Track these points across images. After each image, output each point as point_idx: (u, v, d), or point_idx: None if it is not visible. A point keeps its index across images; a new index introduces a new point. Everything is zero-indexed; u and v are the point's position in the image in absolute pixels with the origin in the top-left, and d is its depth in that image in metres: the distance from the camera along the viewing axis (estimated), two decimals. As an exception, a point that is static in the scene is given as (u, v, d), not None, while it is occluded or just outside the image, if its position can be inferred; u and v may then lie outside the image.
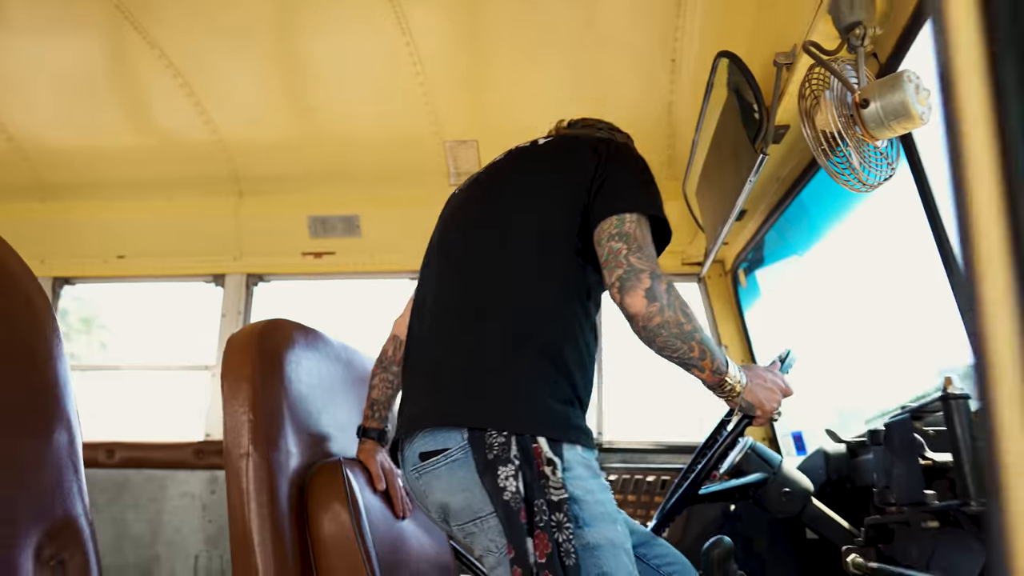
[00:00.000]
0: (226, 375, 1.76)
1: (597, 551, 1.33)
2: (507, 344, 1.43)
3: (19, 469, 0.95)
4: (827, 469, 2.00)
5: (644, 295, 1.34)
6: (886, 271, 2.16)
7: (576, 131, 1.82)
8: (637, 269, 1.36)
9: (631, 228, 1.41)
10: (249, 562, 1.62)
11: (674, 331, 1.36)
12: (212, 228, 3.17)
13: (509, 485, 1.32)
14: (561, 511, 1.30)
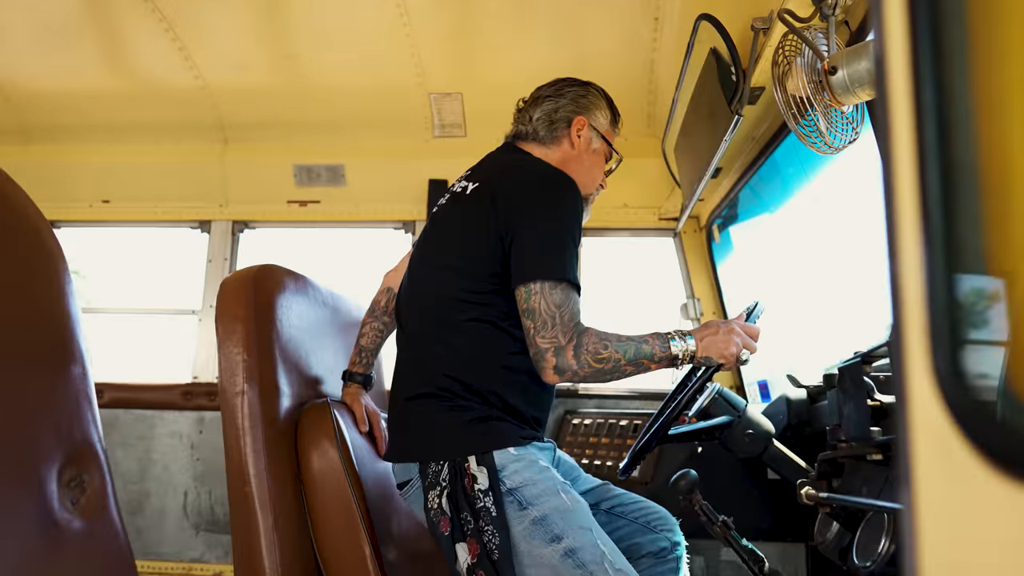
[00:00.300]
0: (221, 317, 1.83)
1: (544, 521, 1.57)
2: (427, 382, 1.71)
3: (40, 397, 1.02)
4: (788, 414, 2.13)
5: (554, 372, 1.57)
6: (849, 228, 2.27)
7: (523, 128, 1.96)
8: (542, 350, 1.57)
9: (535, 302, 1.59)
10: (245, 492, 1.72)
11: (600, 377, 1.61)
12: (198, 174, 3.20)
13: (432, 504, 1.63)
14: (482, 518, 1.57)
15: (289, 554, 1.74)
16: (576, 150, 1.91)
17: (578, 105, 1.91)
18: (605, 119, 1.95)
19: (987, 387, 0.43)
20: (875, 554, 1.60)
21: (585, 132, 1.91)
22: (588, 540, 1.59)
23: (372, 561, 1.75)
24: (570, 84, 1.95)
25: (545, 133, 1.92)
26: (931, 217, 0.46)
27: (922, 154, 0.48)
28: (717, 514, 1.52)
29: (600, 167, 1.97)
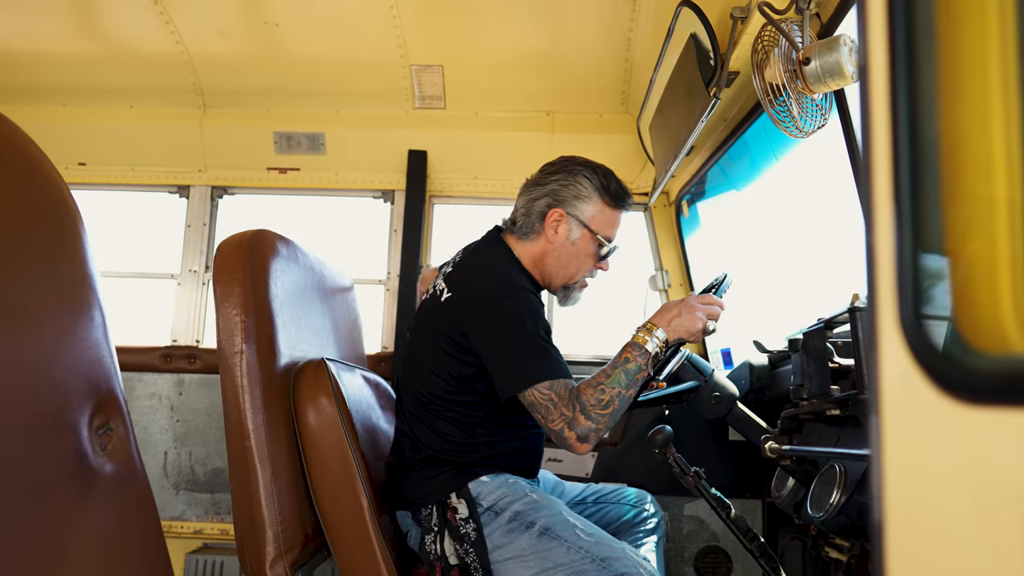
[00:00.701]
0: (219, 279, 1.90)
1: (518, 516, 1.78)
2: (419, 452, 1.93)
3: (69, 345, 1.07)
4: (751, 379, 2.29)
5: (580, 443, 1.69)
6: (810, 207, 2.42)
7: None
8: (559, 432, 1.70)
9: (532, 399, 1.72)
10: (244, 447, 1.81)
11: (616, 417, 1.73)
12: (176, 139, 3.21)
13: (428, 548, 1.86)
14: (464, 542, 1.79)
15: (288, 506, 1.83)
16: (553, 244, 1.95)
17: (556, 197, 1.94)
18: (593, 206, 1.95)
19: (939, 332, 0.56)
20: (827, 505, 1.76)
21: (563, 225, 1.93)
22: (559, 518, 1.78)
23: (369, 512, 1.86)
24: (560, 170, 1.98)
25: (523, 224, 1.98)
26: (902, 198, 0.58)
27: (896, 150, 0.60)
28: (689, 466, 1.66)
29: (586, 256, 1.98)
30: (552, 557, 1.74)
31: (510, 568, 1.78)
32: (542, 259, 1.97)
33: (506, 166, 3.22)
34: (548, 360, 1.76)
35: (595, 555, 1.70)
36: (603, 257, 2.00)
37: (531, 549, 1.77)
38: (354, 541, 1.86)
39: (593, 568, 1.68)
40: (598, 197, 1.95)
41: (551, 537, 1.76)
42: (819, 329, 1.37)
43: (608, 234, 1.97)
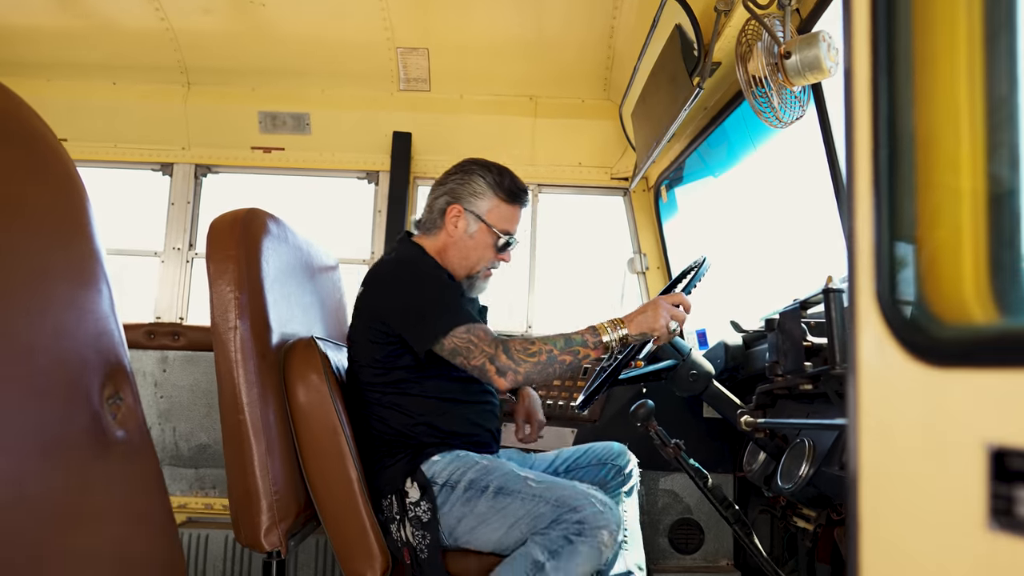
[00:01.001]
0: (212, 256, 1.93)
1: (472, 484, 1.88)
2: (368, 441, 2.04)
3: (79, 315, 1.10)
4: (726, 358, 2.39)
5: (499, 376, 1.83)
6: (786, 194, 2.52)
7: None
8: (480, 368, 1.83)
9: (450, 345, 1.86)
10: (238, 420, 1.85)
11: (541, 372, 1.85)
12: (160, 117, 3.21)
13: (396, 536, 1.94)
14: (413, 526, 1.89)
15: (282, 478, 1.89)
16: (452, 237, 2.11)
17: (454, 194, 2.11)
18: (488, 201, 2.10)
19: (910, 306, 0.63)
20: (796, 477, 1.86)
21: (461, 220, 2.10)
22: (510, 476, 1.88)
23: (359, 484, 1.92)
24: (458, 170, 2.14)
25: (426, 221, 2.16)
26: (880, 187, 0.66)
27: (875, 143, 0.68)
28: (669, 438, 1.75)
29: (486, 248, 2.12)
30: (511, 512, 1.83)
31: (478, 534, 1.88)
32: (445, 251, 2.13)
33: (489, 149, 3.25)
34: (462, 312, 1.91)
35: (547, 498, 1.80)
36: (502, 249, 2.14)
37: (490, 510, 1.85)
38: (343, 514, 1.92)
39: (548, 510, 1.78)
40: (492, 193, 2.10)
41: (505, 494, 1.86)
42: (794, 309, 1.46)
43: (505, 228, 2.12)
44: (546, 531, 1.77)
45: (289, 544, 1.89)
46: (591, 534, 1.72)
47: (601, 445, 2.30)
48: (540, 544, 1.76)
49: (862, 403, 0.66)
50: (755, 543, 1.64)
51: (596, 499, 1.78)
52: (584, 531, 1.72)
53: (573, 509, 1.75)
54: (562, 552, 1.72)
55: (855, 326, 0.68)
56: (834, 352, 1.28)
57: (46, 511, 1.00)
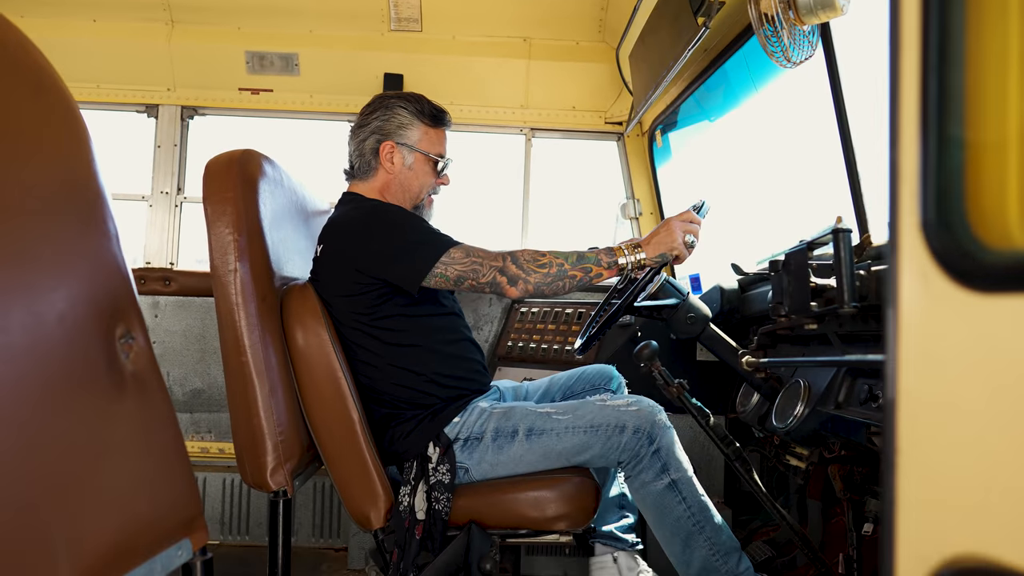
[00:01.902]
0: (210, 198, 1.90)
1: (499, 431, 1.92)
2: (378, 403, 2.04)
3: (92, 255, 1.09)
4: (721, 302, 2.41)
5: (510, 286, 1.85)
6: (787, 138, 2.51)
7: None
8: (492, 283, 1.86)
9: (452, 272, 1.87)
10: (241, 362, 1.85)
11: (552, 283, 1.88)
12: (143, 56, 3.12)
13: (404, 502, 1.91)
14: (438, 489, 1.88)
15: (286, 418, 1.90)
16: (392, 174, 2.11)
17: (382, 132, 2.10)
18: (416, 130, 2.11)
19: (954, 232, 0.64)
20: (791, 416, 1.90)
21: (396, 155, 2.10)
22: (533, 415, 1.94)
23: (361, 425, 1.94)
24: (377, 107, 2.11)
25: (361, 167, 2.14)
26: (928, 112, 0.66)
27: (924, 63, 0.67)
28: (673, 378, 1.78)
29: (426, 174, 2.14)
30: (549, 447, 1.90)
31: (518, 470, 1.94)
32: (387, 188, 2.13)
33: (483, 92, 3.22)
34: (445, 237, 1.92)
35: (582, 426, 1.88)
36: (440, 172, 2.17)
37: (528, 451, 1.91)
38: (345, 455, 1.94)
39: (589, 436, 1.87)
40: (419, 122, 2.11)
41: (537, 433, 1.92)
42: (801, 250, 1.47)
43: (438, 151, 2.14)
44: (632, 463, 1.87)
45: (294, 484, 1.91)
46: (654, 430, 1.83)
47: (592, 369, 2.35)
48: (644, 472, 1.86)
49: (902, 332, 0.67)
50: (755, 479, 1.69)
51: (620, 406, 1.88)
52: (651, 431, 1.83)
53: (620, 428, 1.84)
54: (660, 457, 1.83)
55: (896, 254, 0.68)
56: (842, 291, 1.30)
57: (69, 446, 1.00)
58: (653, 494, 1.86)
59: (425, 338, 2.03)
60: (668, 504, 1.85)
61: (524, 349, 3.00)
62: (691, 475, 1.88)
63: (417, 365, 2.01)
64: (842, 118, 1.68)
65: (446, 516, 1.88)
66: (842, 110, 1.68)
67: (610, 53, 3.08)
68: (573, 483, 1.97)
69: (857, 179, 1.67)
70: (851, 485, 1.91)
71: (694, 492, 1.86)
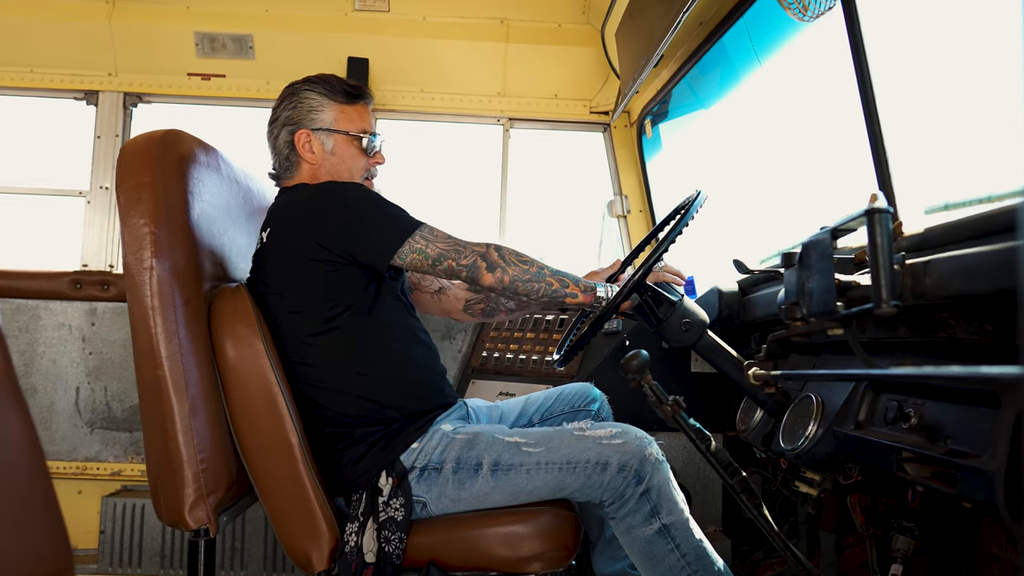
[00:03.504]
0: (123, 184, 1.63)
1: (460, 462, 1.67)
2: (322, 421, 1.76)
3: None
4: (720, 306, 2.14)
5: (488, 272, 1.69)
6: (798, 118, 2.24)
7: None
8: (471, 265, 1.69)
9: (431, 250, 1.70)
10: (156, 376, 1.57)
11: (525, 278, 1.70)
12: (81, 37, 2.83)
13: (350, 541, 1.63)
14: (387, 529, 1.62)
15: (210, 443, 1.61)
16: (315, 163, 1.90)
17: (292, 122, 1.91)
18: (330, 112, 1.91)
19: None
20: (802, 437, 1.63)
21: (315, 142, 1.89)
22: (498, 444, 1.69)
23: (300, 451, 1.65)
24: (283, 98, 1.94)
25: (282, 165, 1.93)
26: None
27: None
28: (666, 394, 1.51)
29: (353, 156, 1.93)
30: (518, 486, 1.66)
31: (481, 507, 1.69)
32: (317, 178, 1.91)
33: (456, 79, 2.95)
34: (411, 216, 1.75)
35: (556, 461, 1.65)
36: (371, 151, 1.96)
37: (493, 489, 1.66)
38: (283, 484, 1.65)
39: (564, 475, 1.65)
40: (330, 101, 1.92)
41: (504, 469, 1.67)
42: (823, 238, 1.20)
43: (360, 128, 1.94)
44: (616, 504, 1.63)
45: (220, 520, 1.62)
46: (643, 467, 1.62)
47: (572, 388, 2.13)
48: (630, 516, 1.63)
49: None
50: (764, 514, 1.42)
51: (603, 438, 1.66)
52: (639, 468, 1.62)
53: (602, 465, 1.62)
54: (650, 498, 1.61)
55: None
56: (880, 287, 1.03)
57: None
58: (641, 540, 1.60)
59: (379, 343, 1.75)
60: (659, 552, 1.58)
61: (500, 360, 2.71)
62: (686, 517, 1.61)
63: (370, 376, 1.73)
64: (865, 83, 1.42)
65: (398, 559, 1.60)
66: (865, 73, 1.41)
67: (595, 36, 2.82)
68: (550, 516, 1.69)
69: (884, 156, 1.40)
70: (874, 518, 1.64)
71: (689, 537, 1.59)
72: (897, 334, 1.46)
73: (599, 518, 1.96)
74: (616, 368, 2.45)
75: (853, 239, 1.41)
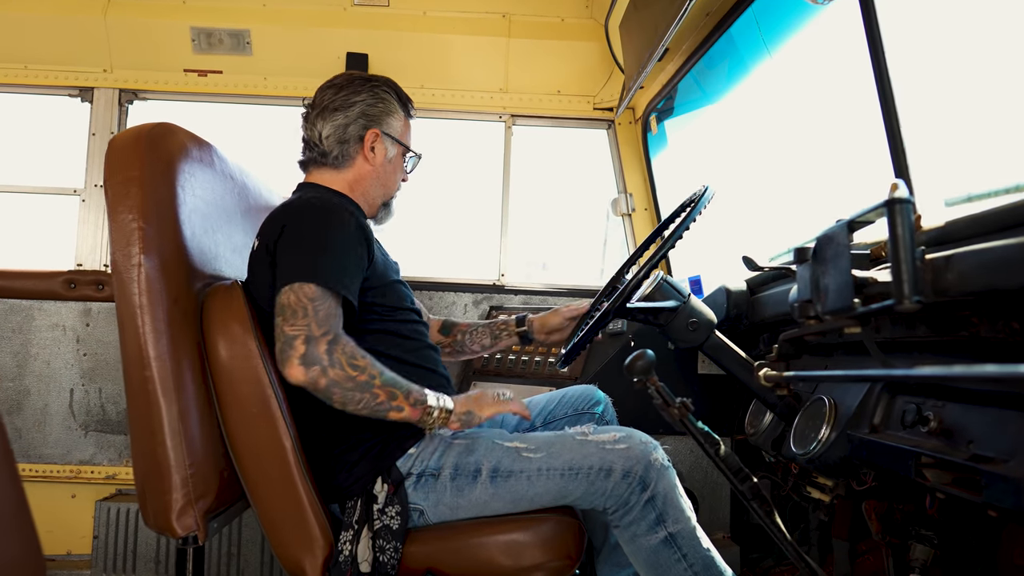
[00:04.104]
0: (111, 179, 1.58)
1: (458, 468, 1.60)
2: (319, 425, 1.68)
3: None
4: (728, 306, 2.08)
5: (299, 362, 1.48)
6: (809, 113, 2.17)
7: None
8: (289, 338, 1.49)
9: (285, 299, 1.52)
10: (144, 377, 1.51)
11: (347, 386, 1.51)
12: (77, 33, 2.78)
13: (345, 549, 1.56)
14: (382, 538, 1.55)
15: (200, 446, 1.55)
16: (372, 164, 1.85)
17: (369, 118, 1.83)
18: (399, 120, 1.88)
19: None
20: (814, 441, 1.57)
21: (380, 145, 1.84)
22: (498, 450, 1.62)
23: (294, 455, 1.59)
24: (357, 90, 1.84)
25: (338, 153, 1.83)
26: None
27: None
28: (674, 396, 1.44)
29: (398, 169, 1.91)
30: (519, 493, 1.59)
31: (482, 514, 1.63)
32: (361, 182, 1.86)
33: (456, 75, 2.89)
34: (338, 276, 1.57)
35: (558, 467, 1.58)
36: (410, 169, 1.97)
37: (493, 496, 1.60)
38: (276, 490, 1.60)
39: (567, 481, 1.58)
40: (401, 111, 1.89)
41: (504, 476, 1.60)
42: (839, 230, 1.14)
43: (413, 145, 1.94)
44: (620, 512, 1.57)
45: (209, 527, 1.56)
46: (648, 473, 1.55)
47: (575, 390, 2.07)
48: (635, 524, 1.56)
49: None
50: (777, 523, 1.35)
51: (606, 443, 1.59)
52: (644, 475, 1.55)
53: (606, 472, 1.55)
54: (656, 506, 1.55)
55: None
56: (901, 281, 0.97)
57: None
58: (646, 549, 1.53)
59: (377, 344, 1.69)
60: (665, 562, 1.52)
61: (502, 362, 2.65)
62: (694, 525, 1.55)
63: None
64: (880, 68, 1.35)
65: (393, 570, 1.54)
66: (880, 58, 1.35)
67: (599, 31, 2.76)
68: (553, 523, 1.63)
69: (901, 146, 1.34)
70: (891, 526, 1.57)
71: (697, 546, 1.52)
72: (915, 333, 1.39)
73: (603, 523, 1.89)
74: (620, 370, 2.39)
75: (867, 235, 1.35)
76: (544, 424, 2.03)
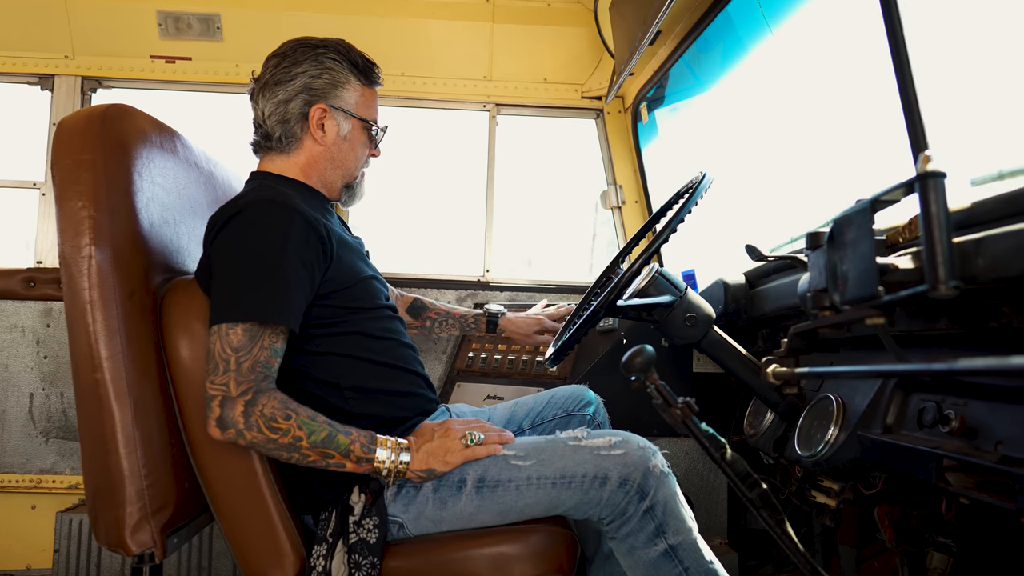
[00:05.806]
0: (59, 163, 1.44)
1: (443, 479, 1.48)
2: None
3: None
4: (726, 300, 1.97)
5: (216, 425, 1.37)
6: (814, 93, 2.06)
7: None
8: (209, 397, 1.38)
9: (211, 343, 1.40)
10: (95, 379, 1.38)
11: (269, 447, 1.38)
12: (35, 17, 2.63)
13: (317, 565, 1.44)
14: (359, 552, 1.42)
15: (158, 455, 1.42)
16: (323, 144, 1.66)
17: (312, 92, 1.62)
18: (352, 91, 1.67)
19: None
20: (820, 443, 1.47)
21: (329, 121, 1.65)
22: (487, 458, 1.50)
23: (262, 461, 1.47)
24: (299, 59, 1.62)
25: (281, 134, 1.65)
26: None
27: None
28: (676, 396, 1.33)
29: (360, 145, 1.72)
30: (507, 505, 1.47)
31: (468, 527, 1.51)
32: (314, 165, 1.68)
33: (439, 62, 2.77)
34: (275, 293, 1.40)
35: (550, 476, 1.46)
36: (377, 143, 1.77)
37: (480, 509, 1.48)
38: (242, 503, 1.47)
39: (559, 491, 1.46)
40: (355, 79, 1.67)
41: (491, 486, 1.48)
42: (862, 210, 1.03)
43: (374, 117, 1.73)
44: (617, 523, 1.45)
45: (169, 543, 1.43)
46: (647, 481, 1.43)
47: (565, 391, 1.94)
48: (634, 535, 1.44)
49: None
50: (788, 532, 1.24)
51: (601, 449, 1.47)
52: (642, 483, 1.43)
53: (601, 480, 1.43)
54: (655, 516, 1.43)
55: None
56: (936, 264, 0.86)
57: None
58: (644, 563, 1.42)
59: (351, 343, 1.57)
60: (664, 575, 1.40)
61: (487, 362, 2.53)
62: (695, 536, 1.43)
63: (340, 378, 1.55)
64: (896, 36, 1.24)
65: None
66: (897, 26, 1.24)
67: (587, 16, 2.65)
68: (543, 534, 1.51)
69: (919, 122, 1.23)
70: (905, 533, 1.47)
71: (699, 559, 1.41)
72: (934, 326, 1.29)
73: (596, 531, 1.78)
74: (612, 368, 2.28)
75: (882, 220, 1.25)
76: (532, 427, 1.91)
